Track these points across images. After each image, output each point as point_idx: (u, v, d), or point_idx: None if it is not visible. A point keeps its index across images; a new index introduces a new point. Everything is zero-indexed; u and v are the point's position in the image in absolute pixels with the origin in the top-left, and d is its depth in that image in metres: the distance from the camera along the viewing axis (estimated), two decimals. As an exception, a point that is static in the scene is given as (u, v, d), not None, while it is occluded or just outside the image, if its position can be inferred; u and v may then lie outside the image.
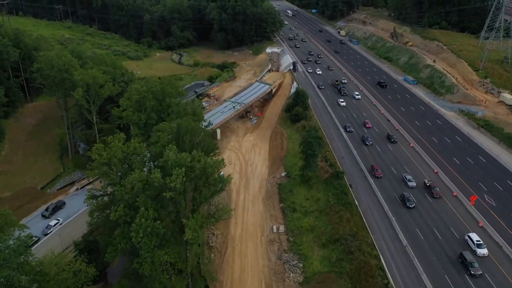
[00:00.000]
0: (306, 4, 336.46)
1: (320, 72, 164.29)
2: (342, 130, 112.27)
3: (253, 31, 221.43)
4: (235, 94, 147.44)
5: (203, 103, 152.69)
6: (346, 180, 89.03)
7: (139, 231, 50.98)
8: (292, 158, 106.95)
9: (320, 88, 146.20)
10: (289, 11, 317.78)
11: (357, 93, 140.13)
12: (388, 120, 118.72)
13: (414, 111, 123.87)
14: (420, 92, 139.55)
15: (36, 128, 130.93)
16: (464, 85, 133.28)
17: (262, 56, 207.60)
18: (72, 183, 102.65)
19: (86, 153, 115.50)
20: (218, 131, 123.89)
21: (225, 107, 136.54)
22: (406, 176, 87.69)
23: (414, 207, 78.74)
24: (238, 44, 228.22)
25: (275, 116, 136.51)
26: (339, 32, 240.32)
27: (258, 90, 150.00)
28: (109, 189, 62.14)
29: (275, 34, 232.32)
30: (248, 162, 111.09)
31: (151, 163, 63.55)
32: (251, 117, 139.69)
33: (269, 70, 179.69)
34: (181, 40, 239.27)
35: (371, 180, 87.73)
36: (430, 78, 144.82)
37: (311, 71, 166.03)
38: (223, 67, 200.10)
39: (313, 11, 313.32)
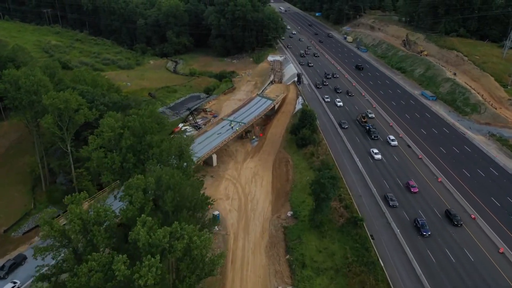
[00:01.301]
0: (309, 6, 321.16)
1: (341, 102, 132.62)
2: (357, 159, 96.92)
3: (254, 38, 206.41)
4: (234, 111, 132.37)
5: (198, 121, 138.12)
6: (366, 228, 73.89)
7: None
8: (299, 193, 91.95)
9: (343, 127, 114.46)
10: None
11: (392, 137, 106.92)
12: (409, 146, 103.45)
13: (438, 135, 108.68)
14: (441, 110, 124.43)
15: (9, 151, 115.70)
16: (491, 103, 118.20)
17: (263, 64, 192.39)
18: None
19: (65, 183, 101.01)
20: (214, 156, 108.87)
21: (222, 127, 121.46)
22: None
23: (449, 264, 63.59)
24: (238, 51, 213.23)
25: (278, 137, 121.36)
26: (345, 38, 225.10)
27: (260, 107, 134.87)
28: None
29: (278, 41, 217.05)
30: (248, 196, 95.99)
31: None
32: (254, 136, 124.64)
33: (271, 82, 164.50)
34: (177, 47, 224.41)
35: (397, 230, 72.47)
36: (452, 94, 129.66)
37: (328, 99, 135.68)
38: (221, 76, 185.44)
39: (317, 14, 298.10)
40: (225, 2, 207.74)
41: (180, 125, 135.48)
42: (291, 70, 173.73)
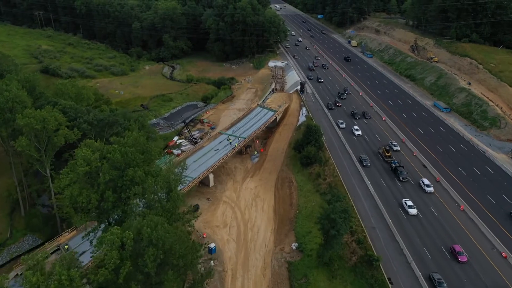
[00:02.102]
0: (311, 8, 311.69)
1: (359, 131, 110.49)
2: (369, 184, 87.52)
3: (254, 42, 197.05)
4: (232, 124, 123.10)
5: (195, 133, 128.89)
6: (383, 270, 64.60)
7: None
8: (304, 220, 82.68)
9: (365, 166, 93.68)
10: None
11: (426, 182, 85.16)
12: (424, 166, 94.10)
13: (455, 153, 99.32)
14: (456, 123, 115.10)
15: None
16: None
17: (264, 71, 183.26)
18: (19, 256, 78.59)
19: (47, 205, 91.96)
20: (211, 176, 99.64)
21: (220, 142, 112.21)
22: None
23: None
24: (237, 55, 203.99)
25: (280, 153, 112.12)
26: (349, 42, 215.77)
27: (260, 119, 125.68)
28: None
29: (279, 45, 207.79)
30: (248, 223, 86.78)
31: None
32: (255, 152, 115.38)
33: (273, 90, 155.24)
34: (174, 51, 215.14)
35: (419, 273, 63.16)
36: (467, 106, 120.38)
37: (343, 125, 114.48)
38: (220, 83, 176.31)
39: (319, 16, 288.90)
40: (224, 5, 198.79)
41: (175, 138, 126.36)
42: (293, 77, 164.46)
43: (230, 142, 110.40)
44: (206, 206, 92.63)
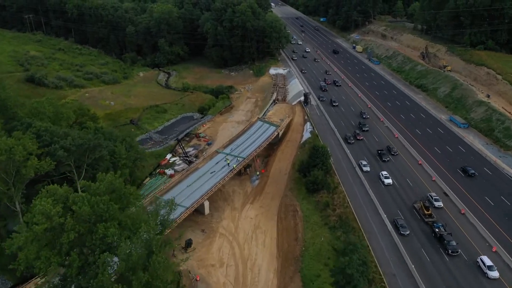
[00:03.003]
0: (313, 10, 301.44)
1: (390, 179, 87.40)
2: (389, 226, 76.91)
3: (254, 48, 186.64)
4: (231, 141, 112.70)
5: (190, 149, 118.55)
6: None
7: None
8: (312, 261, 72.26)
9: (402, 233, 71.17)
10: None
11: (488, 262, 62.57)
12: (446, 195, 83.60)
13: (479, 178, 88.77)
14: (476, 141, 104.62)
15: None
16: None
17: (265, 78, 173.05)
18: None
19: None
20: (206, 204, 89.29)
21: (217, 163, 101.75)
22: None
23: None
24: (237, 62, 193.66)
25: (283, 174, 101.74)
26: (354, 48, 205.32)
27: (261, 135, 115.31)
28: None
29: (280, 51, 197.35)
30: (247, 261, 76.45)
31: None
32: (257, 173, 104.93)
33: (274, 101, 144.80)
34: (170, 56, 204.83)
35: None
36: (487, 121, 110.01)
37: (367, 168, 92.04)
38: (218, 92, 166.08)
39: (321, 19, 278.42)
40: (223, 8, 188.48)
41: (168, 156, 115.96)
42: (296, 86, 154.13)
43: (228, 164, 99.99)
44: (201, 240, 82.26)
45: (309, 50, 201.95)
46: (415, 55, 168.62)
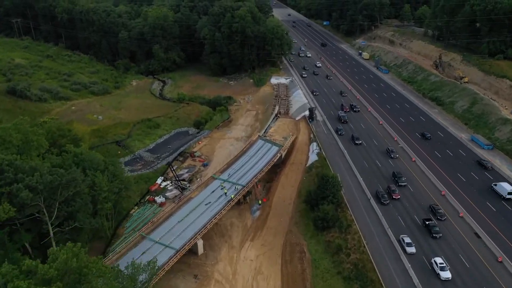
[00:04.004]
0: (316, 13, 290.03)
1: (447, 272, 62.19)
2: (410, 269, 65.15)
3: (254, 55, 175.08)
4: (228, 165, 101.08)
5: (183, 172, 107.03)
6: None
7: None
8: (324, 321, 60.71)
9: None
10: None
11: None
12: (479, 237, 71.97)
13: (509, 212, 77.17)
14: (504, 167, 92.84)
15: None
16: None
17: (266, 89, 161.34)
18: None
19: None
20: (200, 243, 77.67)
21: (213, 192, 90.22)
22: None
23: None
24: (236, 69, 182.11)
25: (288, 204, 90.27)
26: (360, 54, 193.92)
27: (262, 157, 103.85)
28: None
29: (282, 58, 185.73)
30: (247, 319, 64.90)
31: None
32: (259, 201, 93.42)
33: (276, 115, 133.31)
34: (165, 63, 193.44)
35: None
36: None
37: (412, 248, 67.50)
38: (215, 103, 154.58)
39: (325, 23, 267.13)
40: (221, 13, 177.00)
41: (159, 180, 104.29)
42: (299, 98, 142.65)
43: (225, 193, 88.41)
44: (192, 289, 70.79)
45: (320, 64, 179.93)
46: (427, 63, 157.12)
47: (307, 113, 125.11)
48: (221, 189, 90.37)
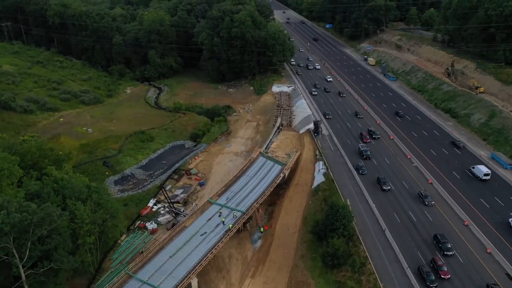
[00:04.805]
0: (318, 16, 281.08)
1: None
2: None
3: (255, 61, 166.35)
4: (226, 187, 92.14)
5: (179, 192, 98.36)
6: None
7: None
8: None
9: None
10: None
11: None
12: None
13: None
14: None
15: None
16: None
17: (267, 97, 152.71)
18: None
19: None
20: (194, 282, 68.76)
21: (209, 219, 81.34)
22: None
23: None
24: (235, 76, 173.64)
25: (292, 233, 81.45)
26: (366, 60, 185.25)
27: (264, 177, 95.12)
28: None
29: (284, 65, 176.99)
30: None
31: None
32: (261, 229, 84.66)
33: (279, 128, 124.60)
34: (162, 69, 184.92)
35: None
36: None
37: None
38: (213, 113, 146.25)
39: (327, 26, 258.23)
40: (220, 17, 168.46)
41: (151, 202, 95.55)
42: (303, 109, 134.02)
43: (223, 221, 79.61)
44: None
45: (331, 79, 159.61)
46: (437, 71, 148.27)
47: (312, 126, 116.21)
48: (219, 216, 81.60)
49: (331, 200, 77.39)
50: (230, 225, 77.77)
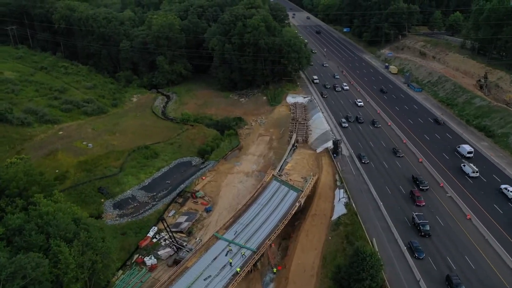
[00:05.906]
0: (335, 19, 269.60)
1: None
2: None
3: (269, 70, 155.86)
4: (235, 218, 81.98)
5: (183, 218, 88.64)
6: None
7: None
8: None
9: None
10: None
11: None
12: None
13: None
14: None
15: None
16: None
17: (281, 109, 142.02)
18: None
19: None
20: None
21: (215, 259, 71.27)
22: None
23: None
24: (247, 85, 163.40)
25: (310, 277, 70.82)
26: (387, 67, 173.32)
27: (278, 206, 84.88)
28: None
29: (300, 72, 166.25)
30: None
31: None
32: (274, 270, 74.40)
33: (294, 145, 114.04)
34: (170, 76, 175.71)
35: None
36: None
37: None
38: (223, 126, 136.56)
39: (345, 30, 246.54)
40: (231, 21, 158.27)
41: (151, 232, 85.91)
42: (321, 123, 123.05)
43: (230, 262, 69.49)
44: None
45: (361, 103, 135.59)
46: (468, 82, 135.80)
47: (331, 145, 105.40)
48: (226, 254, 71.54)
49: (355, 242, 66.36)
50: (238, 269, 67.57)
